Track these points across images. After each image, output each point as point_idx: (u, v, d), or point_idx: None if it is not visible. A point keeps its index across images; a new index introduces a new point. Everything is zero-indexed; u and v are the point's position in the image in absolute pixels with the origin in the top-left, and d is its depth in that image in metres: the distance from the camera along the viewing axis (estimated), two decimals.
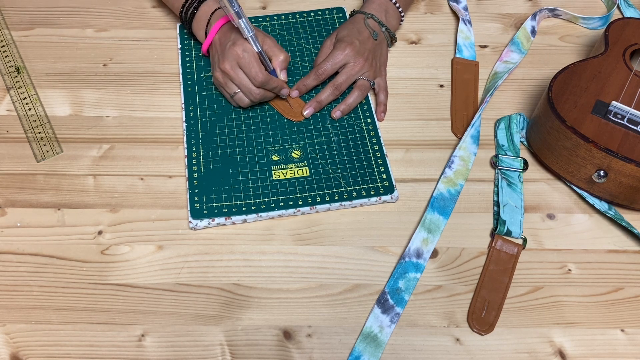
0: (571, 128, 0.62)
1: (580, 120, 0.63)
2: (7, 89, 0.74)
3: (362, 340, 0.56)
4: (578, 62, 0.69)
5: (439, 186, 0.66)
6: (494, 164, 0.68)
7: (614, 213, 0.64)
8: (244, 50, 0.65)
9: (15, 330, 0.57)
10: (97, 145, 0.69)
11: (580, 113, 0.64)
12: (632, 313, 0.59)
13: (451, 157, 0.68)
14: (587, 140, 0.62)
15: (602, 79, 0.67)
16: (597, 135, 0.62)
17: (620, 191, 0.63)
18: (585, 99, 0.65)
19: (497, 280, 0.60)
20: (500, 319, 0.58)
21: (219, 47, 0.68)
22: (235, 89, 0.67)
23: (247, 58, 0.65)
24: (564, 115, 0.63)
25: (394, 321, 0.57)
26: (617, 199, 0.64)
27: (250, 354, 0.56)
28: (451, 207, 0.65)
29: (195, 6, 0.72)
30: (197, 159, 0.67)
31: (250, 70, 0.65)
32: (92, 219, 0.64)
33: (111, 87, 0.75)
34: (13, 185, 0.66)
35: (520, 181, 0.66)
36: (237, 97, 0.68)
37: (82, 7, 0.84)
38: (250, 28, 0.65)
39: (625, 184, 0.62)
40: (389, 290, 0.59)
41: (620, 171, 0.61)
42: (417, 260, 0.61)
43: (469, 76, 0.77)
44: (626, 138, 0.62)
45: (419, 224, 0.63)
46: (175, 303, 0.58)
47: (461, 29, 0.81)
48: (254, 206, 0.63)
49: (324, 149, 0.68)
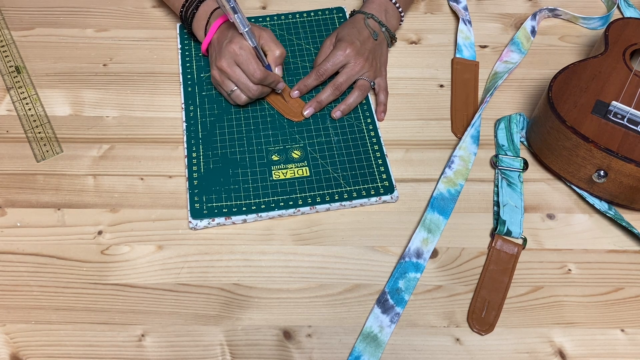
0: (571, 128, 0.62)
1: (580, 120, 0.63)
2: (7, 89, 0.74)
3: (362, 340, 0.56)
4: (578, 62, 0.69)
5: (439, 186, 0.66)
6: (494, 164, 0.68)
7: (614, 213, 0.64)
8: (240, 47, 0.65)
9: (15, 330, 0.57)
10: (97, 145, 0.69)
11: (580, 113, 0.64)
12: (632, 313, 0.59)
13: (451, 157, 0.68)
14: (587, 140, 0.61)
15: (602, 78, 0.67)
16: (597, 136, 0.62)
17: (621, 191, 0.63)
18: (585, 99, 0.65)
19: (497, 280, 0.60)
20: (500, 319, 0.58)
21: (217, 45, 0.68)
22: (233, 86, 0.67)
23: (244, 55, 0.65)
24: (564, 115, 0.63)
25: (394, 321, 0.57)
26: (617, 199, 0.64)
27: (250, 354, 0.56)
28: (451, 207, 0.65)
29: (195, 6, 0.72)
30: (197, 159, 0.67)
31: (248, 67, 0.65)
32: (92, 219, 0.64)
33: (111, 87, 0.75)
34: (13, 185, 0.66)
35: (520, 181, 0.66)
36: (234, 94, 0.68)
37: (82, 7, 0.84)
38: (245, 23, 0.65)
39: (625, 184, 0.62)
40: (389, 290, 0.59)
41: (620, 171, 0.61)
42: (417, 260, 0.61)
43: (469, 76, 0.77)
44: (626, 138, 0.62)
45: (419, 224, 0.63)
46: (175, 303, 0.58)
47: (461, 29, 0.81)
48: (254, 206, 0.63)
49: (324, 149, 0.68)
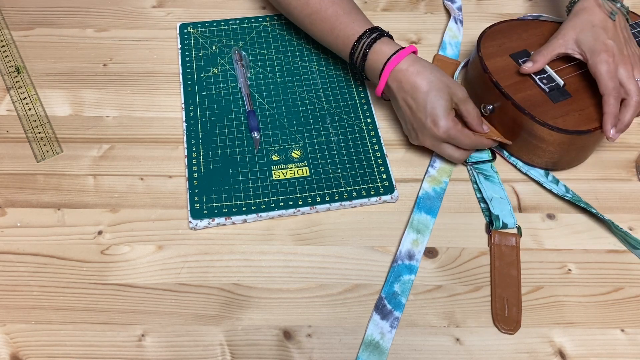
0: (480, 57, 0.66)
1: (494, 56, 0.67)
2: (7, 89, 0.74)
3: (365, 349, 0.56)
4: (540, 19, 0.72)
5: (424, 186, 0.66)
6: (464, 161, 0.68)
7: (572, 195, 0.65)
8: (443, 131, 0.62)
9: (15, 330, 0.57)
10: (97, 145, 0.69)
11: (499, 51, 0.68)
12: (632, 313, 0.59)
13: (432, 157, 0.68)
14: (485, 70, 0.65)
15: (548, 38, 0.68)
16: (497, 71, 0.66)
17: (502, 131, 0.66)
18: (515, 44, 0.69)
19: (507, 274, 0.60)
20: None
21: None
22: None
23: (452, 135, 0.63)
24: (482, 48, 0.67)
25: (394, 326, 0.57)
26: (520, 153, 0.67)
27: (250, 354, 0.56)
28: (438, 205, 0.65)
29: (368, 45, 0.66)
30: (197, 159, 0.67)
31: (461, 143, 0.64)
32: (92, 219, 0.64)
33: (111, 87, 0.75)
34: (13, 185, 0.66)
35: (494, 171, 0.67)
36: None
37: (82, 7, 0.84)
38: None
39: (505, 123, 0.65)
40: (386, 295, 0.59)
41: (502, 109, 0.64)
42: (409, 262, 0.61)
43: (448, 74, 0.76)
44: (520, 82, 0.65)
45: (407, 226, 0.63)
46: (175, 303, 0.58)
47: (450, 27, 0.81)
48: (254, 206, 0.63)
49: (324, 149, 0.68)
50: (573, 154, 0.66)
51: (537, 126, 0.62)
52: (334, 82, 0.74)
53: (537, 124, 0.62)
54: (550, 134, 0.62)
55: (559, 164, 0.67)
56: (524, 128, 0.63)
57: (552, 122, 0.62)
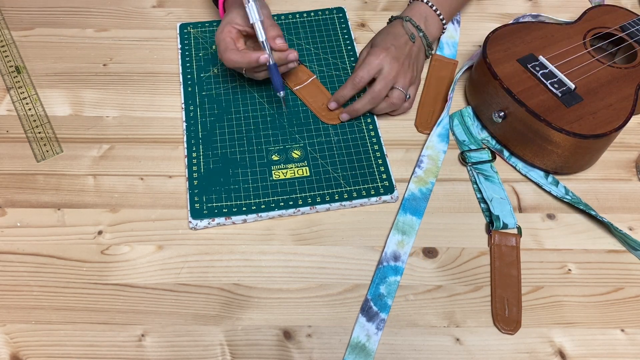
0: (488, 64, 0.66)
1: (502, 62, 0.67)
2: (7, 89, 0.74)
3: (351, 352, 0.55)
4: (541, 22, 0.71)
5: (410, 186, 0.66)
6: (464, 161, 0.68)
7: (572, 197, 0.65)
8: (219, 40, 0.66)
9: (15, 330, 0.57)
10: (97, 145, 0.69)
11: (506, 57, 0.67)
12: (632, 313, 0.59)
13: (420, 157, 0.68)
14: (495, 77, 0.65)
15: (551, 41, 0.69)
16: (507, 77, 0.65)
17: (513, 136, 0.66)
18: (520, 49, 0.68)
19: (507, 275, 0.60)
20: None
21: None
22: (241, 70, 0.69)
23: (222, 46, 0.66)
24: (489, 54, 0.67)
25: (380, 328, 0.57)
26: (510, 143, 0.67)
27: (250, 354, 0.56)
28: (423, 206, 0.65)
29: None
30: (197, 159, 0.67)
31: (231, 59, 0.66)
32: (92, 219, 0.64)
33: (111, 87, 0.75)
34: (13, 185, 0.66)
35: (494, 171, 0.67)
36: (249, 74, 0.70)
37: (82, 7, 0.84)
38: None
39: (517, 129, 0.64)
40: (372, 297, 0.58)
41: (514, 115, 0.64)
42: (395, 263, 0.60)
43: (445, 74, 0.77)
44: (532, 88, 0.65)
45: (392, 228, 0.63)
46: (175, 303, 0.58)
47: (447, 27, 0.81)
48: (254, 206, 0.63)
49: (324, 149, 0.68)
50: (587, 157, 0.65)
51: (553, 132, 0.61)
52: (334, 82, 0.74)
53: (554, 130, 0.61)
54: (566, 139, 0.61)
55: (572, 167, 0.66)
56: (539, 134, 0.63)
57: (568, 128, 0.61)
